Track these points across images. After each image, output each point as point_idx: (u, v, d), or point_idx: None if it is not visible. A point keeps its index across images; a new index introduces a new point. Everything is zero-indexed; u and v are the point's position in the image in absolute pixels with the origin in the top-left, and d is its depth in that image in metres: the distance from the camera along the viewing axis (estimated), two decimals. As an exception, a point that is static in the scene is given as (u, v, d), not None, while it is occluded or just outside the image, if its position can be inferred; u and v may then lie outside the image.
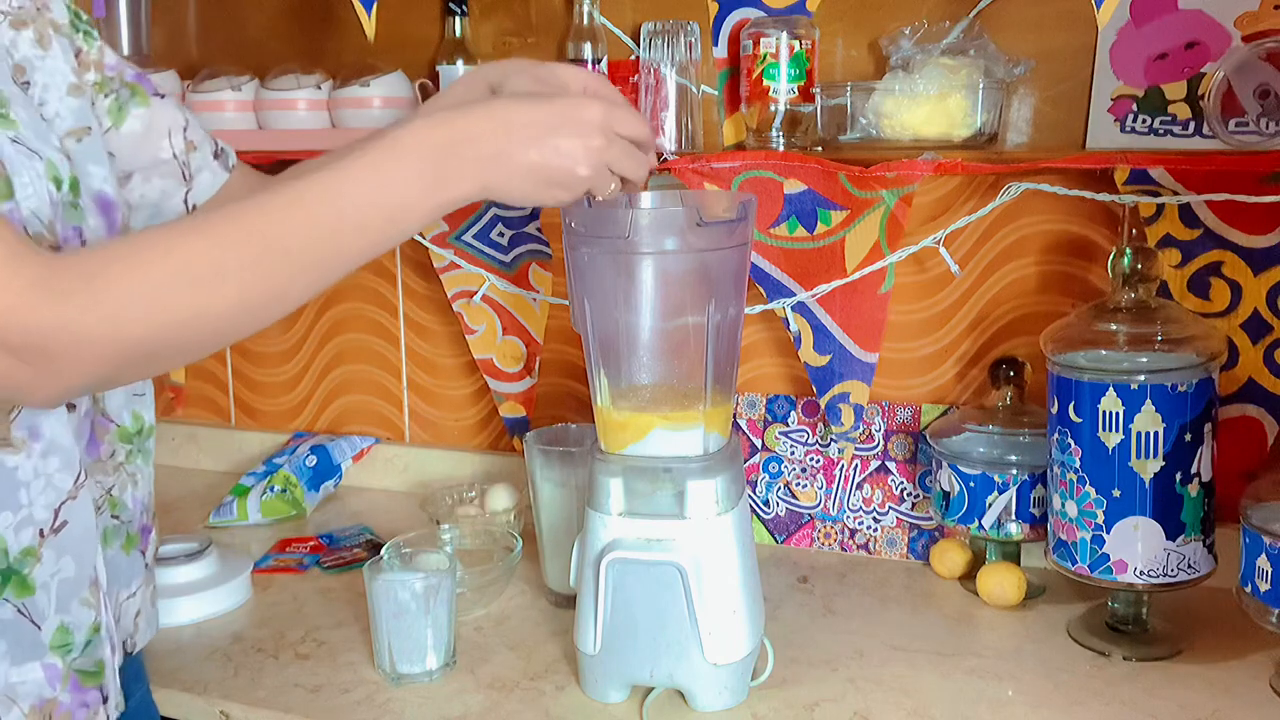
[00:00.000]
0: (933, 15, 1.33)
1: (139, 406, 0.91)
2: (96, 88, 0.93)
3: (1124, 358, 1.12)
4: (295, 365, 1.80)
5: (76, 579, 0.80)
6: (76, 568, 0.80)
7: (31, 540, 0.77)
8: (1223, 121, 1.16)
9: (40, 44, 0.85)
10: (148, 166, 0.97)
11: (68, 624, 0.80)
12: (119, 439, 0.88)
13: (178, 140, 0.99)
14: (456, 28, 1.52)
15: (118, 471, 0.88)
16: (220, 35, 1.74)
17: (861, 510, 1.44)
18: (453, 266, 1.57)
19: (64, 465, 0.79)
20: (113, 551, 0.88)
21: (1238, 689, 1.09)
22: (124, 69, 0.95)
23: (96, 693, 0.82)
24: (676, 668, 1.06)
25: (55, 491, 0.78)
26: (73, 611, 0.80)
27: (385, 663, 1.14)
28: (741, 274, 1.07)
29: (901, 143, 1.29)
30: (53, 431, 0.78)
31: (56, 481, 0.79)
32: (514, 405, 1.62)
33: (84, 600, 0.81)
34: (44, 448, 0.78)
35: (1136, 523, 1.12)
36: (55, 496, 0.78)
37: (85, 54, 0.91)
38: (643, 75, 1.40)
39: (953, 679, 1.12)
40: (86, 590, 0.81)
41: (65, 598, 0.80)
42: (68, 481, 0.79)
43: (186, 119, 1.00)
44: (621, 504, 1.05)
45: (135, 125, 0.96)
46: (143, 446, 0.92)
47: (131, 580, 0.91)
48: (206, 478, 1.81)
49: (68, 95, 0.86)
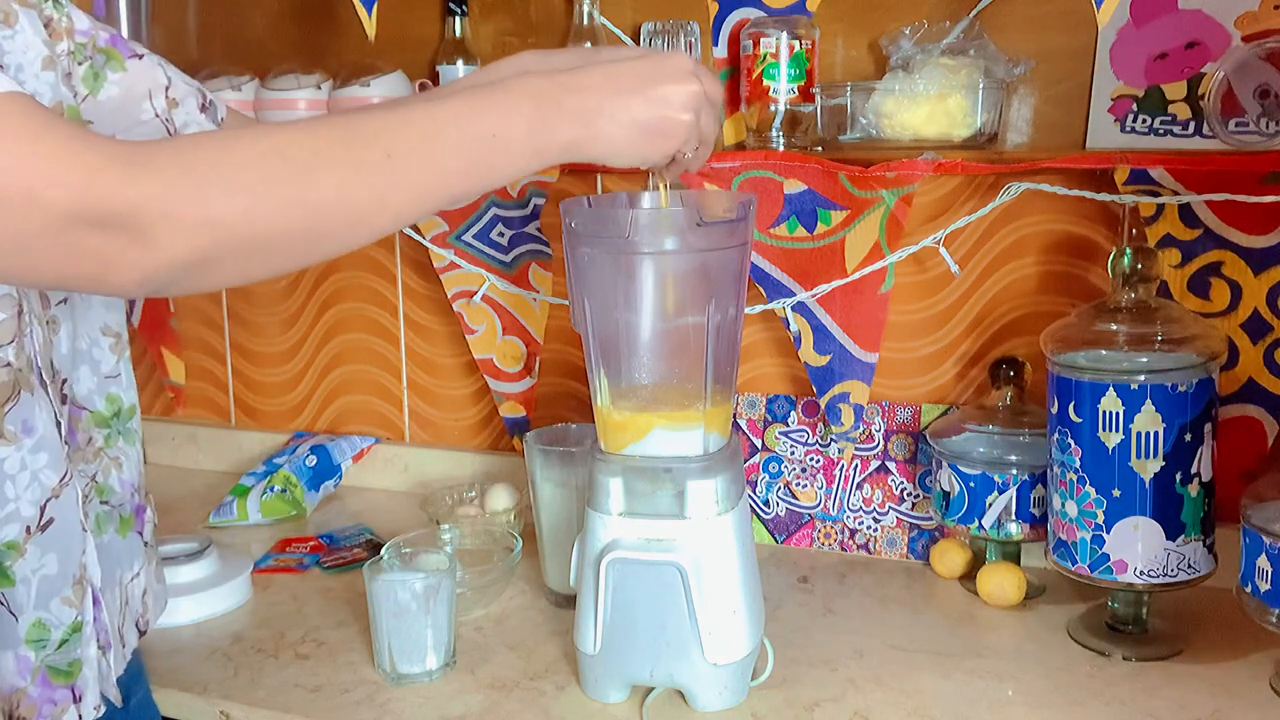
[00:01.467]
0: (933, 15, 1.33)
1: (115, 388, 0.90)
2: (70, 56, 0.89)
3: (1124, 358, 1.12)
4: (295, 365, 1.80)
5: (59, 577, 0.80)
6: (60, 566, 0.79)
7: (17, 535, 0.77)
8: (1223, 121, 1.16)
9: (5, 22, 0.81)
10: (127, 129, 0.94)
11: (45, 620, 0.79)
12: (93, 424, 0.88)
13: (159, 100, 0.96)
14: (456, 28, 1.52)
15: (99, 457, 0.88)
16: (220, 35, 1.74)
17: (861, 510, 1.44)
18: (453, 266, 1.57)
19: (51, 462, 0.78)
20: (108, 537, 0.87)
21: (1238, 689, 1.09)
22: (98, 33, 0.92)
23: (67, 691, 0.81)
24: (676, 668, 1.06)
25: (41, 488, 0.78)
26: (52, 609, 0.79)
27: (385, 663, 1.14)
28: (741, 274, 1.07)
29: (901, 143, 1.29)
30: (44, 428, 0.78)
31: (43, 478, 0.78)
32: (514, 405, 1.62)
33: (65, 599, 0.80)
34: (35, 443, 0.77)
35: (1136, 523, 1.12)
36: (41, 493, 0.78)
37: (55, 23, 0.88)
38: (643, 75, 1.40)
39: (953, 679, 1.12)
40: (69, 589, 0.80)
41: (45, 595, 0.79)
42: (54, 479, 0.79)
43: (169, 78, 0.97)
44: (621, 504, 1.05)
45: (113, 91, 0.93)
46: (123, 429, 0.90)
47: (133, 562, 0.91)
48: (206, 478, 1.81)
49: (42, 70, 0.82)
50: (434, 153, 0.74)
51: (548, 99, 0.79)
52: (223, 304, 1.83)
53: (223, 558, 1.37)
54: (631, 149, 0.83)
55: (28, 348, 0.77)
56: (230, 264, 0.69)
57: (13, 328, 0.76)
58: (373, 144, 0.72)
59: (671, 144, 0.84)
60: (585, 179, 1.54)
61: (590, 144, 0.81)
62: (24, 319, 0.77)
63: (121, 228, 0.63)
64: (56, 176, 0.62)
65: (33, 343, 0.78)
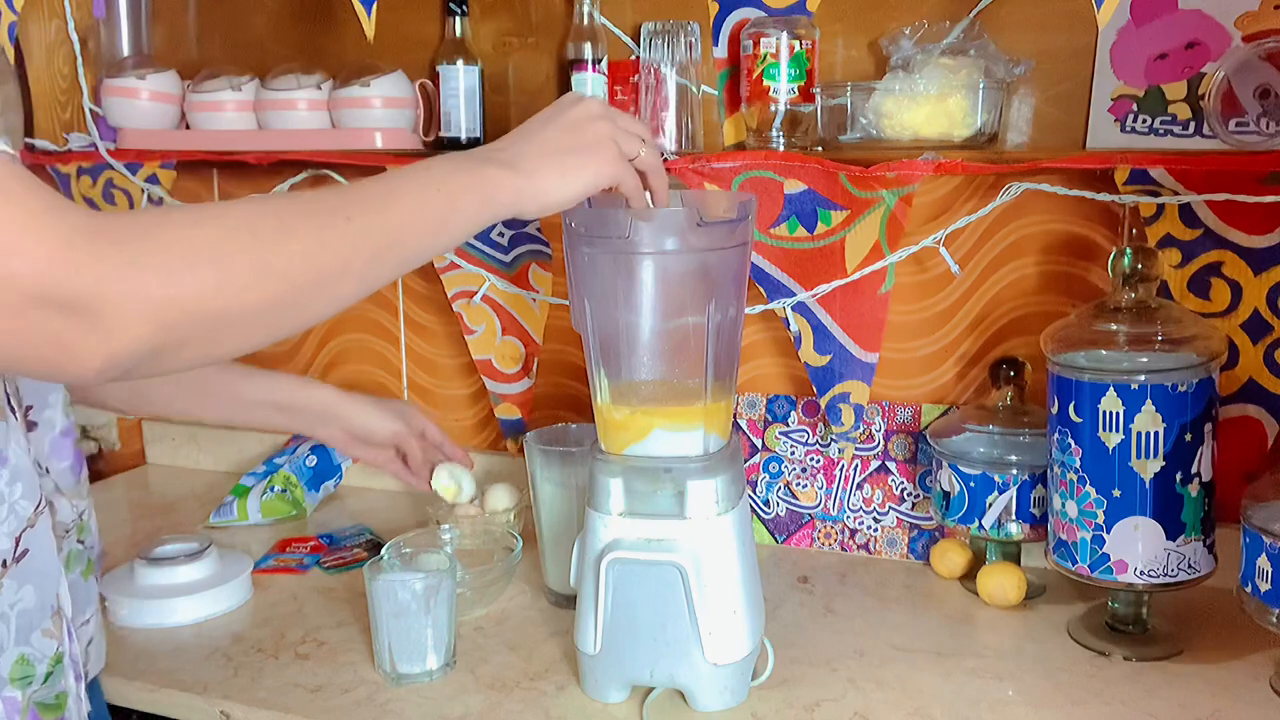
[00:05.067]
0: (933, 15, 1.33)
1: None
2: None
3: (1124, 358, 1.12)
4: (295, 365, 1.79)
5: (38, 609, 0.79)
6: (38, 597, 0.78)
7: None
8: (1223, 121, 1.16)
9: None
10: None
11: (28, 655, 0.78)
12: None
13: None
14: (456, 28, 1.52)
15: (90, 496, 0.88)
16: (220, 35, 1.74)
17: (862, 510, 1.44)
18: (453, 266, 1.57)
19: (26, 492, 0.78)
20: (74, 577, 0.87)
21: (1238, 689, 1.09)
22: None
23: None
24: (677, 668, 1.06)
25: (17, 519, 0.77)
26: (33, 643, 0.79)
27: (385, 663, 1.14)
28: (742, 274, 1.07)
29: (901, 143, 1.29)
30: (16, 458, 0.77)
31: (19, 509, 0.77)
32: (509, 407, 1.62)
33: (46, 631, 0.79)
34: (10, 474, 0.76)
35: (1137, 523, 1.12)
36: (17, 524, 0.77)
37: None
38: (643, 75, 1.40)
39: (953, 679, 1.12)
40: (49, 620, 0.79)
41: (25, 629, 0.78)
42: (28, 509, 0.78)
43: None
44: (622, 504, 1.05)
45: None
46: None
47: (86, 607, 0.90)
48: (206, 478, 1.81)
49: None
50: (390, 212, 0.77)
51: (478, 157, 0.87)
52: (223, 304, 1.83)
53: (223, 558, 1.37)
54: (573, 175, 0.89)
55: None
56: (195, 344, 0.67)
57: None
58: (334, 211, 0.74)
59: (604, 151, 0.90)
60: (585, 179, 1.54)
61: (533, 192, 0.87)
62: None
63: (85, 310, 0.60)
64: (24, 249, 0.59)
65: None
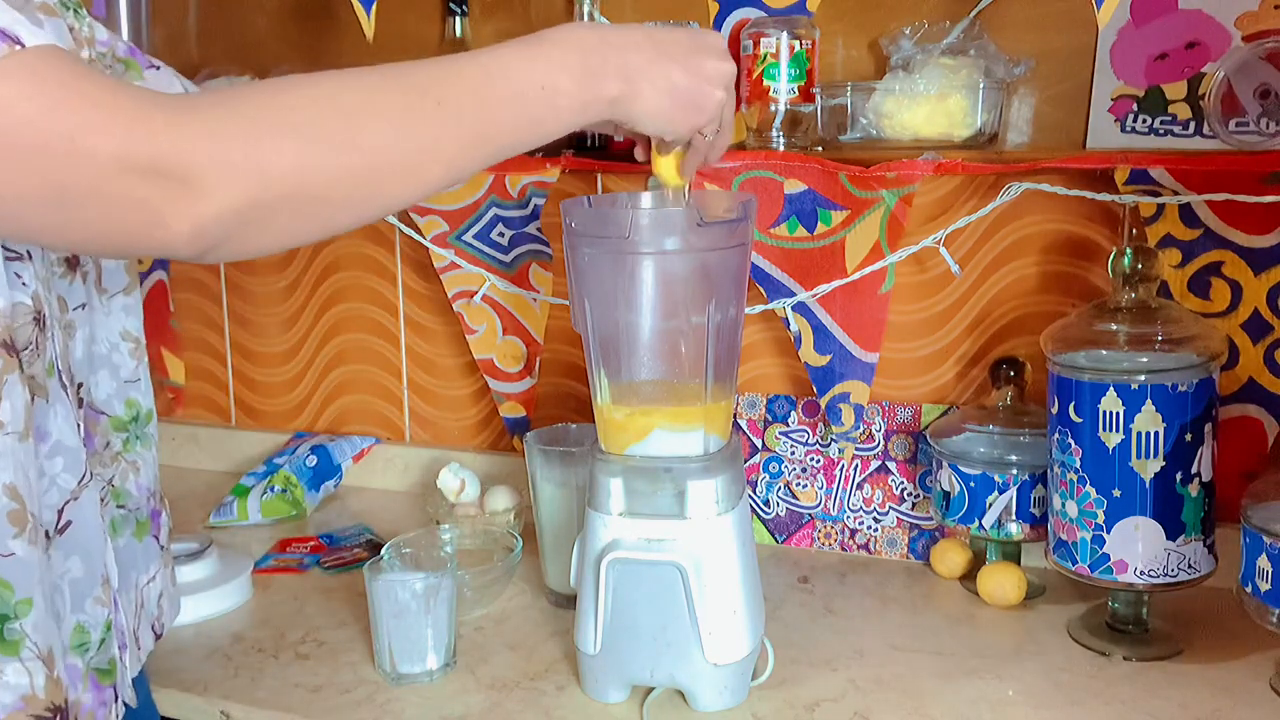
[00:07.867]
0: (933, 15, 1.33)
1: (134, 393, 0.89)
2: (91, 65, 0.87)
3: (1124, 358, 1.12)
4: (295, 365, 1.80)
5: (87, 578, 0.80)
6: (85, 566, 0.79)
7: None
8: (1223, 121, 1.16)
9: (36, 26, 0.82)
10: None
11: (84, 623, 0.79)
12: (112, 429, 0.88)
13: None
14: (456, 28, 1.52)
15: (116, 461, 0.88)
16: (220, 35, 1.74)
17: (862, 510, 1.44)
18: (453, 266, 1.57)
19: (69, 465, 0.78)
20: (124, 541, 0.87)
21: (1238, 689, 1.09)
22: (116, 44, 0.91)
23: (111, 690, 0.81)
24: (677, 668, 1.06)
25: (59, 492, 0.78)
26: (87, 610, 0.79)
27: (385, 663, 1.14)
28: (742, 274, 1.07)
29: (902, 143, 1.29)
30: (59, 433, 0.77)
31: (60, 482, 0.78)
32: (514, 405, 1.62)
33: (96, 599, 0.80)
34: (50, 449, 0.77)
35: (1137, 523, 1.12)
36: (59, 497, 0.78)
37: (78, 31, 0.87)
38: (643, 75, 1.40)
39: (953, 679, 1.12)
40: (99, 588, 0.80)
41: (79, 597, 0.79)
42: (71, 482, 0.79)
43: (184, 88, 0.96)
44: (622, 504, 1.05)
45: None
46: (141, 433, 0.90)
47: (149, 565, 0.91)
48: (206, 478, 1.81)
49: None
50: (484, 103, 0.74)
51: (594, 53, 0.79)
52: (223, 304, 1.83)
53: (223, 558, 1.37)
54: (664, 116, 0.84)
55: (49, 352, 0.77)
56: (283, 217, 0.65)
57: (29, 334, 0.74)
58: (424, 92, 0.71)
59: (701, 118, 0.86)
60: (585, 179, 1.54)
61: (629, 102, 0.82)
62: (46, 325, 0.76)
63: (169, 174, 0.60)
64: (98, 123, 0.59)
65: (54, 347, 0.77)
